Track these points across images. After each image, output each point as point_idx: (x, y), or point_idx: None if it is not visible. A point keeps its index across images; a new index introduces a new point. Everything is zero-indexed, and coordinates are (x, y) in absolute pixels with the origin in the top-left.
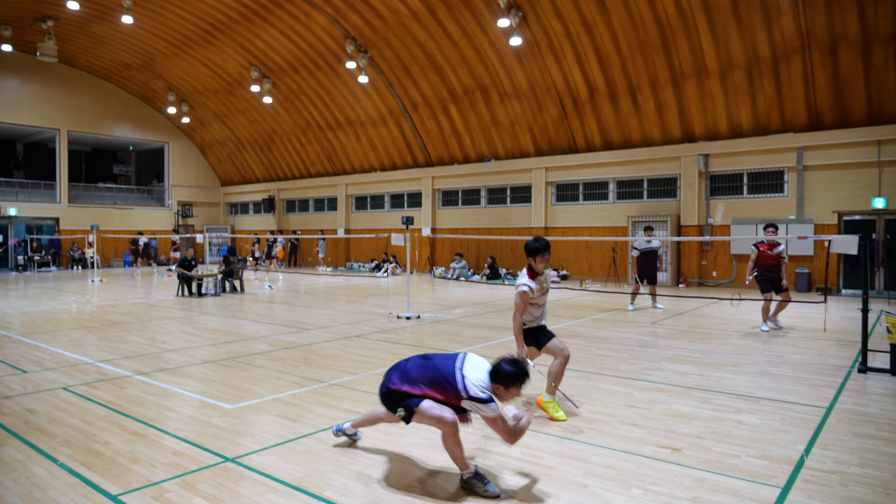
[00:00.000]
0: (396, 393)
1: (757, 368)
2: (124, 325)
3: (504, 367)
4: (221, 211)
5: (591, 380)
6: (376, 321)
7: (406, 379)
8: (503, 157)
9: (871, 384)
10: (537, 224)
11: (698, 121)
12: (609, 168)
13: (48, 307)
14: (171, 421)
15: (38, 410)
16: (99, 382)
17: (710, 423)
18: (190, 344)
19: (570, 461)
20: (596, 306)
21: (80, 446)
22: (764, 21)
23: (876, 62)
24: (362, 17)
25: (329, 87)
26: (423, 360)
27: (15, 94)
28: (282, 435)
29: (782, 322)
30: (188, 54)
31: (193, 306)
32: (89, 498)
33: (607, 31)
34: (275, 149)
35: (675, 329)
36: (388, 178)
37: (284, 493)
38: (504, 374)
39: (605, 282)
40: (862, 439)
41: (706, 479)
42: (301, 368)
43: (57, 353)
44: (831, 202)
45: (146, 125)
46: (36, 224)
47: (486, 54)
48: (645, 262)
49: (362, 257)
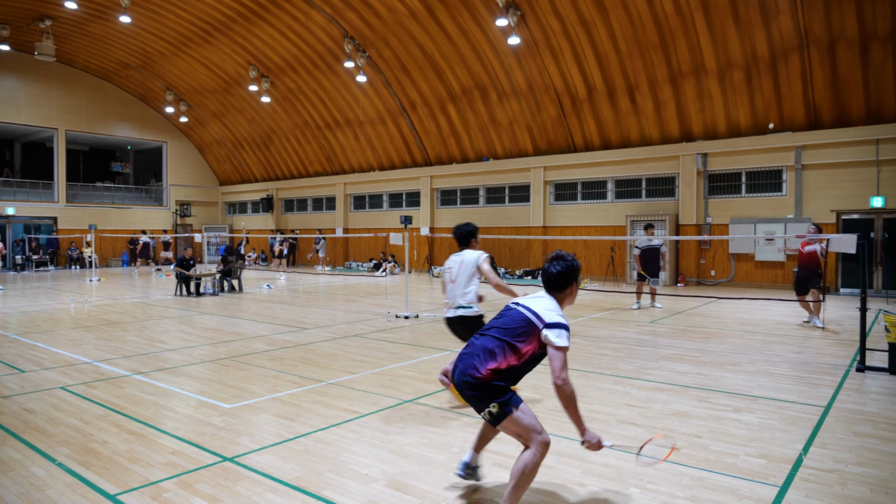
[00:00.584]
0: (484, 382)
1: (755, 367)
2: (122, 324)
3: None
4: (220, 210)
5: (590, 379)
6: (375, 320)
7: (489, 354)
8: (501, 156)
9: (869, 383)
10: (536, 223)
11: (697, 120)
12: (607, 167)
13: (46, 307)
14: (170, 420)
15: (36, 410)
16: (97, 382)
17: (708, 422)
18: (188, 343)
19: (568, 460)
20: (594, 305)
21: (78, 446)
22: (762, 20)
23: (874, 61)
24: (361, 16)
25: (327, 86)
26: (483, 333)
27: (13, 94)
28: (280, 434)
29: (780, 322)
30: (186, 54)
31: (192, 306)
32: (87, 497)
33: (605, 31)
34: (273, 148)
35: (674, 328)
36: (387, 177)
37: (283, 493)
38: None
39: (603, 281)
40: (860, 438)
41: (704, 478)
42: (299, 368)
43: (55, 353)
44: (830, 201)
45: (144, 125)
46: (34, 223)
47: (485, 54)
48: (647, 260)
49: (361, 257)
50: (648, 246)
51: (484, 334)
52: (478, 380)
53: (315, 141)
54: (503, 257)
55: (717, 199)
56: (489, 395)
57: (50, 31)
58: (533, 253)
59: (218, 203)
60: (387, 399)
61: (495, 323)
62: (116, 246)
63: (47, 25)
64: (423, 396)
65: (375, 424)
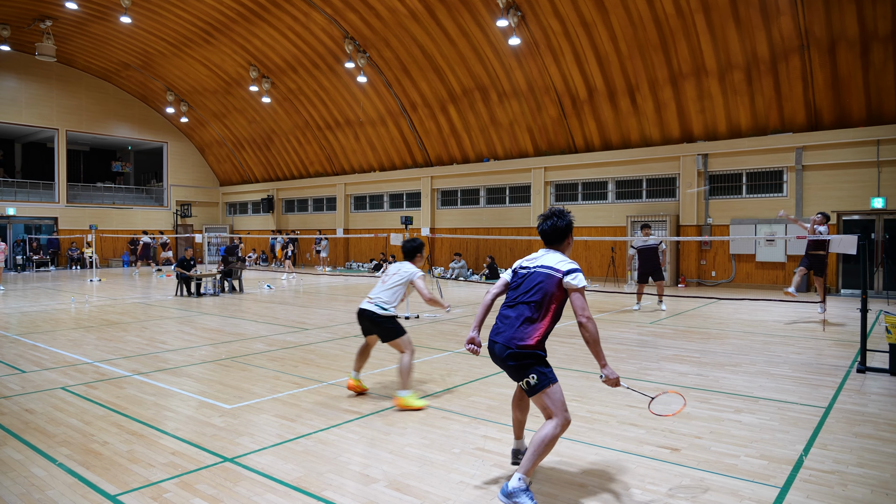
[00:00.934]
0: (530, 350)
1: (756, 368)
2: (123, 324)
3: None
4: (220, 211)
5: (590, 379)
6: None
7: (529, 322)
8: (502, 157)
9: (870, 384)
10: (536, 224)
11: (697, 121)
12: (608, 168)
13: (47, 307)
14: (170, 421)
15: (36, 410)
16: (97, 382)
17: (708, 423)
18: (189, 344)
19: (568, 461)
20: (594, 306)
21: (78, 446)
22: (763, 21)
23: (875, 62)
24: (361, 17)
25: (328, 86)
26: (511, 304)
27: (13, 94)
28: (280, 435)
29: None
30: (187, 54)
31: (192, 306)
32: (88, 498)
33: (606, 32)
34: (273, 149)
35: (674, 329)
36: (387, 177)
37: (283, 493)
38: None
39: (603, 281)
40: (861, 439)
41: (705, 479)
42: (300, 368)
43: (55, 353)
44: (830, 202)
45: (145, 125)
46: (34, 224)
47: (485, 54)
48: (644, 260)
49: (361, 257)
50: (644, 245)
51: (513, 305)
52: (525, 349)
53: (315, 141)
54: (504, 258)
55: (717, 199)
56: (531, 363)
57: (50, 31)
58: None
59: (218, 203)
60: (387, 400)
61: (516, 294)
62: (117, 246)
63: (48, 26)
64: (423, 396)
65: (375, 425)
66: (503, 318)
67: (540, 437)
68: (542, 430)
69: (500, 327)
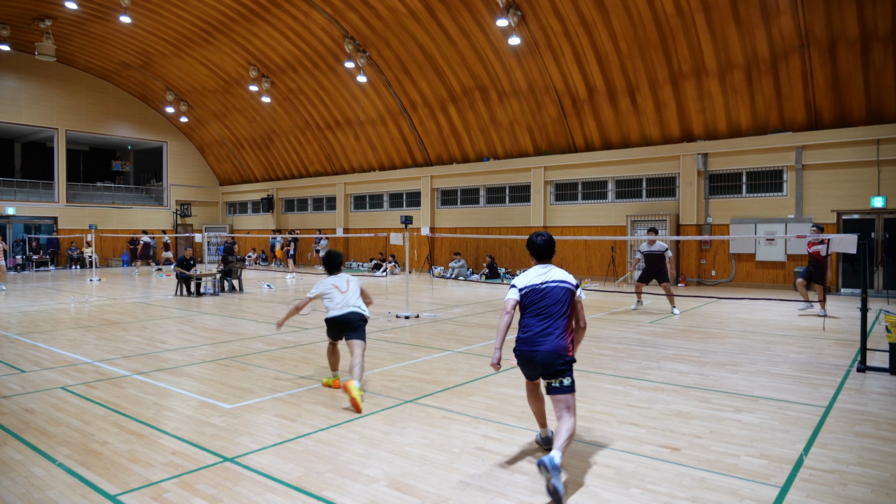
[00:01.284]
0: (572, 358)
1: (756, 368)
2: (123, 324)
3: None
4: (220, 210)
5: (590, 379)
6: (375, 320)
7: (568, 333)
8: (502, 156)
9: (870, 383)
10: (536, 223)
11: (697, 120)
12: (608, 167)
13: (46, 307)
14: (170, 421)
15: (36, 410)
16: (97, 382)
17: (709, 423)
18: (189, 343)
19: (568, 460)
20: (595, 305)
21: (78, 446)
22: (763, 20)
23: (875, 61)
24: (361, 16)
25: (328, 86)
26: (543, 314)
27: (13, 94)
28: (280, 435)
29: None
30: (187, 54)
31: (192, 306)
32: (88, 498)
33: (606, 31)
34: (273, 148)
35: (674, 328)
36: (387, 177)
37: (283, 493)
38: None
39: (603, 281)
40: (861, 438)
41: (705, 479)
42: (300, 368)
43: (55, 353)
44: (830, 201)
45: (145, 125)
46: (34, 223)
47: (485, 54)
48: (648, 264)
49: (361, 257)
50: (648, 251)
51: (544, 317)
52: (570, 355)
53: (315, 141)
54: (504, 257)
55: (717, 199)
56: (569, 368)
57: (50, 31)
58: None
59: (218, 203)
60: (387, 399)
61: (539, 307)
62: (117, 246)
63: (48, 25)
64: (423, 396)
65: (376, 424)
66: (541, 332)
67: (570, 428)
68: (570, 421)
69: (536, 339)
